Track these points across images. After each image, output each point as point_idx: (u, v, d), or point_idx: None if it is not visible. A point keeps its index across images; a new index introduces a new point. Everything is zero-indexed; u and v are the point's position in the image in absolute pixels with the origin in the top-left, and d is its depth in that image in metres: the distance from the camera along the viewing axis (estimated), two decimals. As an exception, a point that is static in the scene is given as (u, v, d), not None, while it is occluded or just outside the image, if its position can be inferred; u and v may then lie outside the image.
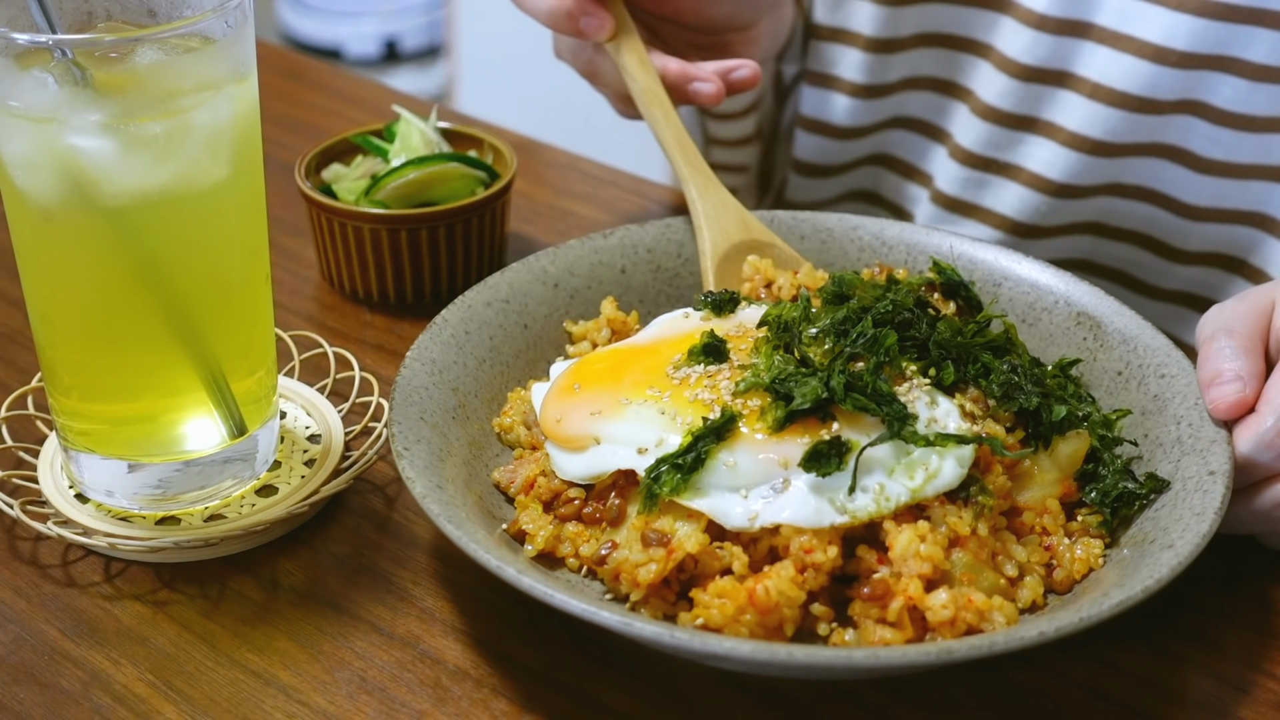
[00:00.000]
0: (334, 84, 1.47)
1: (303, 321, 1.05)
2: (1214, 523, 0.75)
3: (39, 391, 0.93)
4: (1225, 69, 1.06)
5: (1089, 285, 0.93)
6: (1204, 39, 1.05)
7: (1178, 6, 1.05)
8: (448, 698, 0.76)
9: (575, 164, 1.29)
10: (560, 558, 0.81)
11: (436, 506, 0.76)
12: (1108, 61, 1.10)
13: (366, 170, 1.09)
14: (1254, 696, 0.77)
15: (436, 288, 1.06)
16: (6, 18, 0.77)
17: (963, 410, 0.81)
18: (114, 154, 0.76)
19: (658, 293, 0.99)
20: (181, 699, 0.75)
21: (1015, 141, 1.17)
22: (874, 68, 1.21)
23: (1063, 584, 0.78)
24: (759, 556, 0.77)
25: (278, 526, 0.85)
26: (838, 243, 0.99)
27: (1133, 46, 1.08)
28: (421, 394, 0.85)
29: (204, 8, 0.78)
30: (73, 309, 0.81)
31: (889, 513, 0.76)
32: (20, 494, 0.87)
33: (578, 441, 0.82)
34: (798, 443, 0.77)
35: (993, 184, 1.18)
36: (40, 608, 0.81)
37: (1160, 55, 1.07)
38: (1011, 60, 1.14)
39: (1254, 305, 0.84)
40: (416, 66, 3.68)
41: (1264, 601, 0.82)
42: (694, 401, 0.80)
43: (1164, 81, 1.08)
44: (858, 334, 0.82)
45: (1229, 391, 0.81)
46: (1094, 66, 1.11)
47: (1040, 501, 0.81)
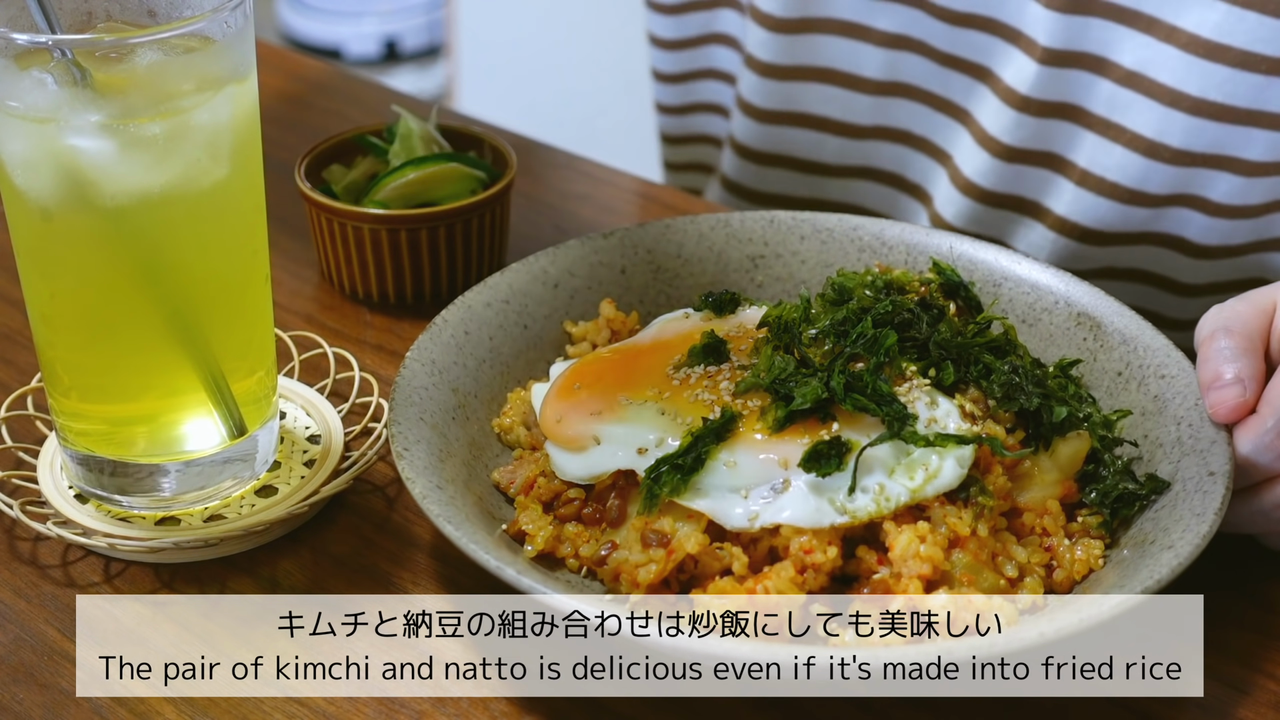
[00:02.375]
0: (334, 84, 1.47)
1: (303, 322, 1.05)
2: (1214, 523, 0.75)
3: (39, 391, 0.93)
4: (1221, 167, 1.04)
5: (1089, 286, 0.93)
6: (1199, 138, 1.03)
7: (1171, 103, 1.03)
8: (448, 698, 0.76)
9: (575, 164, 1.29)
10: (560, 558, 0.81)
11: (436, 507, 0.76)
12: (1096, 150, 1.07)
13: (366, 170, 1.09)
14: (1254, 697, 0.77)
15: (436, 288, 1.06)
16: (6, 18, 0.77)
17: (963, 411, 0.81)
18: (113, 154, 0.76)
19: (658, 293, 0.99)
20: (181, 699, 0.75)
21: (1003, 221, 1.15)
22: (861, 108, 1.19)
23: (1063, 585, 0.78)
24: (759, 557, 0.77)
25: (277, 527, 0.85)
26: (838, 243, 0.99)
27: (1124, 138, 1.06)
28: (421, 394, 0.85)
29: (204, 8, 0.78)
30: (73, 309, 0.81)
31: (889, 513, 0.76)
32: (20, 494, 0.87)
33: (578, 442, 0.82)
34: (798, 443, 0.77)
35: None
36: (40, 608, 0.81)
37: (1153, 150, 1.04)
38: (993, 138, 1.11)
39: (1255, 305, 0.84)
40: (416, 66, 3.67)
41: (1264, 601, 0.82)
42: (694, 402, 0.80)
43: (1156, 176, 1.05)
44: (858, 334, 0.82)
45: (1229, 395, 0.81)
46: (1082, 153, 1.08)
47: (1040, 502, 0.81)
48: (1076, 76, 1.07)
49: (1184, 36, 1.01)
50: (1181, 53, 1.01)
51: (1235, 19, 0.99)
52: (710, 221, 1.00)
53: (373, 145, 1.10)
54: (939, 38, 1.13)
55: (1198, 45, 1.00)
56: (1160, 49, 1.02)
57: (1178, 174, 1.05)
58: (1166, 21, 1.01)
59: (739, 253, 1.00)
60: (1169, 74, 1.02)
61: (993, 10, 1.09)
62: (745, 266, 1.00)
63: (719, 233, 1.00)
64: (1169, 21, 1.01)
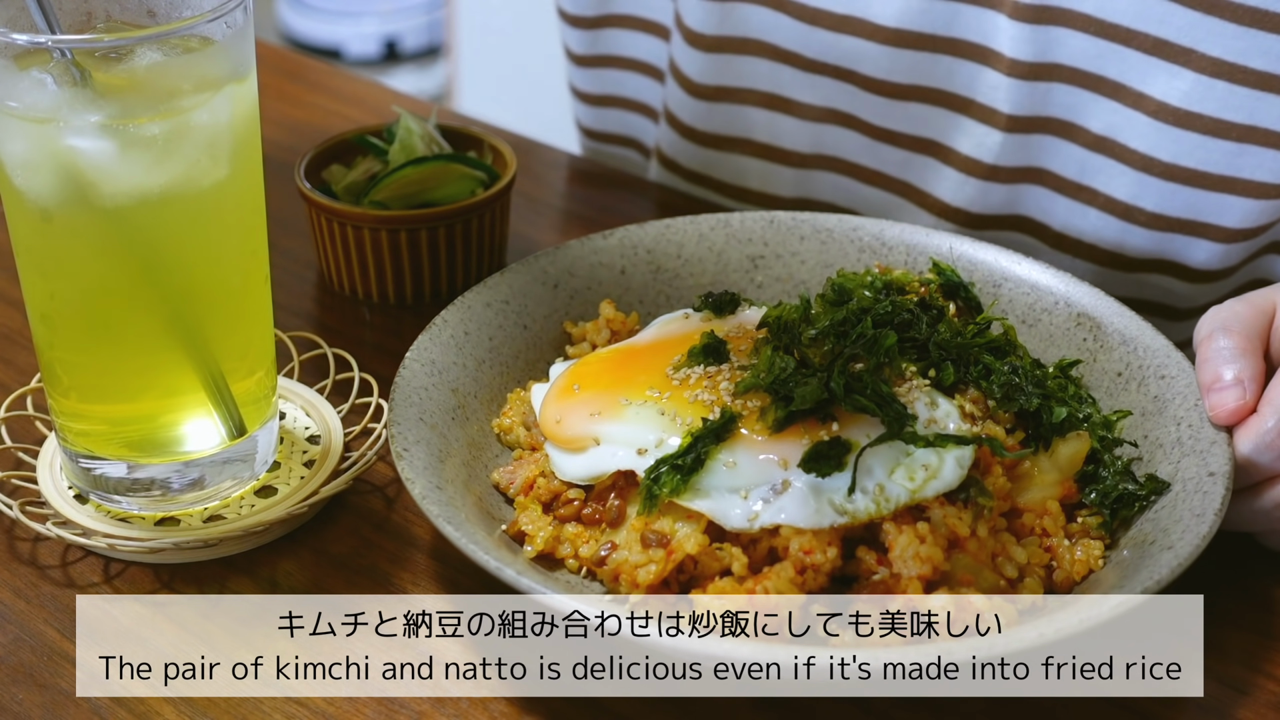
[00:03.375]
0: (334, 84, 1.47)
1: (302, 322, 1.05)
2: (1214, 524, 0.75)
3: (38, 392, 0.93)
4: (1198, 234, 1.02)
5: (1089, 286, 0.93)
6: (1173, 202, 1.01)
7: (1144, 169, 1.01)
8: (448, 698, 0.76)
9: (575, 164, 1.29)
10: (560, 559, 0.81)
11: (435, 507, 0.76)
12: (1070, 213, 1.06)
13: (366, 170, 1.09)
14: (1254, 697, 0.77)
15: (436, 288, 1.06)
16: (6, 18, 0.77)
17: (962, 411, 0.81)
18: (113, 154, 0.76)
19: (658, 293, 0.99)
20: (181, 699, 0.75)
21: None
22: (783, 179, 1.16)
23: (1062, 585, 0.78)
24: (758, 557, 0.77)
25: (277, 527, 0.85)
26: (838, 243, 0.99)
27: (1098, 201, 1.04)
28: (421, 395, 0.85)
29: (204, 8, 0.78)
30: (72, 309, 0.81)
31: (888, 513, 0.76)
32: (20, 494, 0.87)
33: (577, 442, 0.82)
34: (797, 443, 0.77)
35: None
36: (40, 608, 0.81)
37: (1128, 214, 1.03)
38: (958, 209, 1.09)
39: (1255, 305, 0.84)
40: (416, 66, 3.67)
41: (1264, 601, 0.82)
42: (694, 402, 0.80)
43: (1133, 239, 1.04)
44: (857, 335, 0.82)
45: (1229, 397, 0.80)
46: (1056, 217, 1.07)
47: (1040, 503, 0.81)
48: (1044, 141, 1.05)
49: (1152, 104, 0.99)
50: (1151, 120, 0.99)
51: (1204, 88, 0.97)
52: (710, 221, 1.00)
53: (373, 145, 1.10)
54: (871, 112, 1.10)
55: (1167, 113, 0.99)
56: (1129, 115, 1.01)
57: (1155, 238, 1.04)
58: (1133, 88, 1.00)
59: (739, 253, 1.00)
60: (1139, 140, 1.01)
61: (939, 82, 1.06)
62: (745, 266, 1.00)
63: (719, 233, 1.00)
64: (1136, 88, 0.99)
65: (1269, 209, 1.00)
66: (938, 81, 1.07)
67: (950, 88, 1.07)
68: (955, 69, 1.05)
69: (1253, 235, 1.02)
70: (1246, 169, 0.98)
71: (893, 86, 1.08)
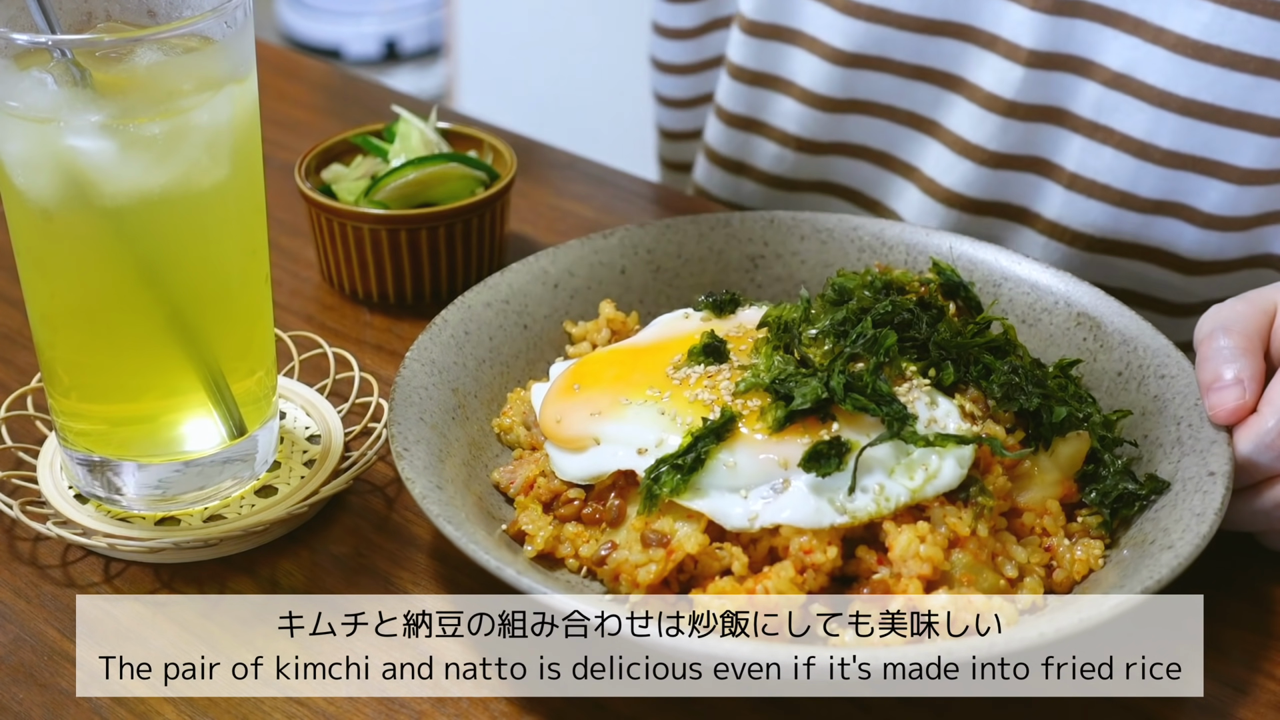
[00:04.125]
0: (334, 84, 1.47)
1: (302, 321, 1.05)
2: (1214, 524, 0.75)
3: (39, 391, 0.93)
4: (1211, 173, 1.03)
5: (1089, 286, 0.93)
6: (1189, 139, 1.03)
7: (1160, 104, 1.02)
8: (448, 698, 0.76)
9: (575, 164, 1.29)
10: (560, 558, 0.81)
11: (436, 507, 0.76)
12: (1085, 153, 1.07)
13: (366, 170, 1.09)
14: (1254, 697, 0.77)
15: (436, 288, 1.06)
16: (6, 18, 0.77)
17: (962, 411, 0.81)
18: (113, 154, 0.76)
19: (658, 293, 0.99)
20: (181, 699, 0.75)
21: (991, 228, 1.14)
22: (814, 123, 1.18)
23: (1063, 585, 0.78)
24: (759, 557, 0.77)
25: (277, 527, 0.85)
26: (838, 243, 0.99)
27: (1113, 139, 1.05)
28: (421, 394, 0.85)
29: (204, 8, 0.78)
30: (73, 309, 0.81)
31: (889, 513, 0.76)
32: (20, 494, 0.87)
33: (577, 442, 0.82)
34: (798, 443, 0.77)
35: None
36: (40, 608, 0.81)
37: (1143, 151, 1.04)
38: (975, 145, 1.11)
39: (1255, 305, 0.84)
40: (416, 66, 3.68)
41: (1264, 601, 0.82)
42: (694, 402, 0.80)
43: (1147, 178, 1.05)
44: (857, 334, 0.82)
45: (1229, 397, 0.81)
46: (1071, 156, 1.08)
47: (1040, 502, 0.81)
48: (1062, 79, 1.07)
49: (1171, 37, 1.01)
50: (1170, 53, 1.01)
51: (1224, 19, 0.99)
52: (710, 221, 1.00)
53: (373, 145, 1.10)
54: (903, 50, 1.12)
55: (1186, 46, 1.00)
56: (1148, 50, 1.02)
57: (1168, 177, 1.05)
58: (1153, 23, 1.01)
59: (739, 253, 1.00)
60: (1157, 75, 1.02)
61: (967, 16, 1.09)
62: (745, 266, 1.00)
63: (719, 233, 1.00)
64: (1155, 23, 1.01)
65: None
66: (965, 16, 1.09)
67: (976, 22, 1.09)
68: (982, 3, 1.08)
69: (1263, 180, 1.03)
70: (1261, 104, 1.00)
71: (922, 21, 1.10)
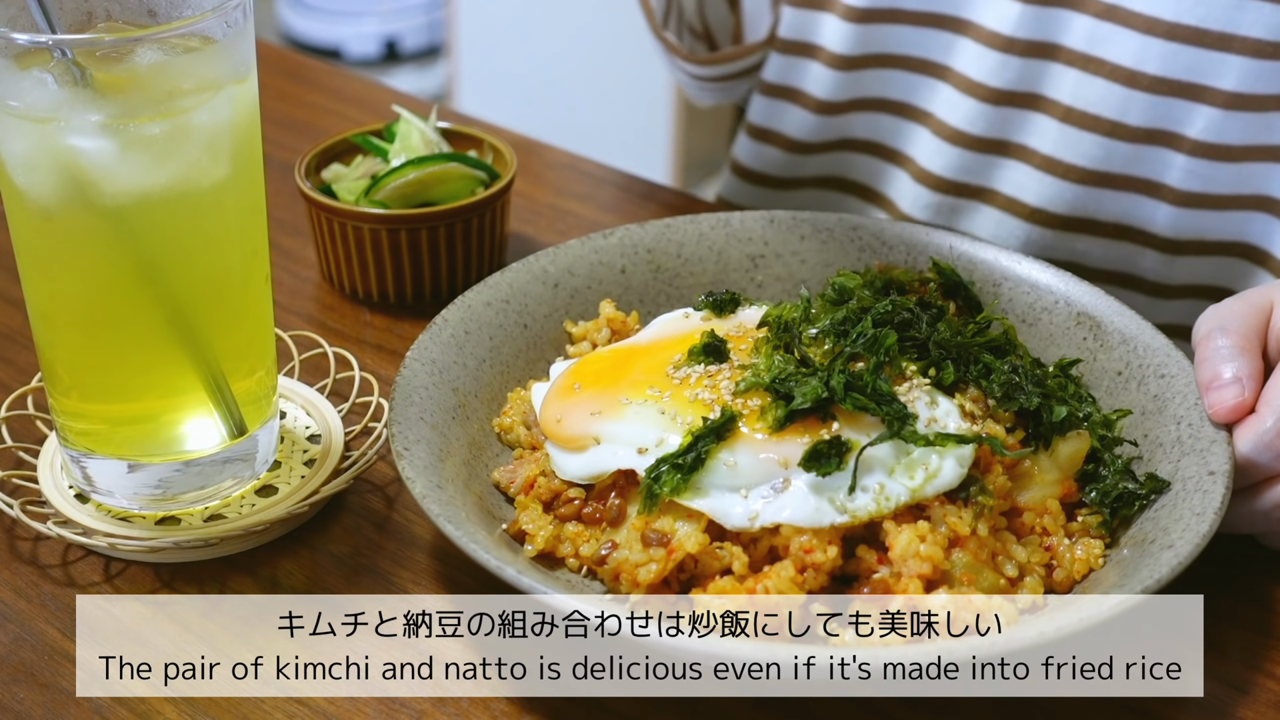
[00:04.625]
0: (334, 84, 1.47)
1: (303, 321, 1.05)
2: (1214, 523, 0.75)
3: (39, 391, 0.93)
4: (1198, 98, 1.05)
5: (1089, 285, 0.93)
6: (1175, 63, 1.05)
7: (1147, 30, 1.05)
8: (448, 698, 0.76)
9: (575, 164, 1.29)
10: (560, 558, 0.81)
11: (436, 506, 0.76)
12: (1079, 85, 1.09)
13: (366, 170, 1.09)
14: (1254, 696, 0.77)
15: (436, 288, 1.06)
16: (6, 18, 0.77)
17: (962, 410, 0.81)
18: (114, 154, 0.76)
19: (658, 293, 0.99)
20: (181, 699, 0.75)
21: (989, 165, 1.15)
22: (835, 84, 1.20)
23: (1063, 584, 0.78)
24: (759, 556, 0.77)
25: (278, 526, 0.85)
26: (838, 243, 0.99)
27: (1104, 70, 1.07)
28: (421, 394, 0.85)
29: (204, 8, 0.78)
30: (73, 309, 0.81)
31: (889, 513, 0.76)
32: (20, 494, 0.87)
33: (578, 441, 0.82)
34: (798, 442, 0.77)
35: (965, 208, 1.17)
36: (40, 608, 0.81)
37: (1132, 79, 1.06)
38: (978, 83, 1.13)
39: (1252, 304, 0.84)
40: (416, 66, 3.68)
41: (1264, 601, 0.82)
42: (694, 401, 0.80)
43: (1136, 106, 1.07)
44: (858, 334, 0.82)
45: (1228, 396, 0.81)
46: (1064, 90, 1.10)
47: (1040, 502, 0.81)
48: (1055, 14, 1.09)
49: None
50: None
51: None
52: (710, 221, 1.01)
53: (373, 145, 1.10)
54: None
55: None
56: None
57: (1156, 103, 1.07)
58: None
59: (739, 252, 1.00)
60: (1144, 2, 1.05)
61: None
62: (745, 266, 1.00)
63: (719, 232, 1.00)
64: None
65: (1264, 73, 1.03)
66: None
67: None
68: None
69: (1247, 106, 1.04)
70: (1245, 25, 1.02)
71: None
